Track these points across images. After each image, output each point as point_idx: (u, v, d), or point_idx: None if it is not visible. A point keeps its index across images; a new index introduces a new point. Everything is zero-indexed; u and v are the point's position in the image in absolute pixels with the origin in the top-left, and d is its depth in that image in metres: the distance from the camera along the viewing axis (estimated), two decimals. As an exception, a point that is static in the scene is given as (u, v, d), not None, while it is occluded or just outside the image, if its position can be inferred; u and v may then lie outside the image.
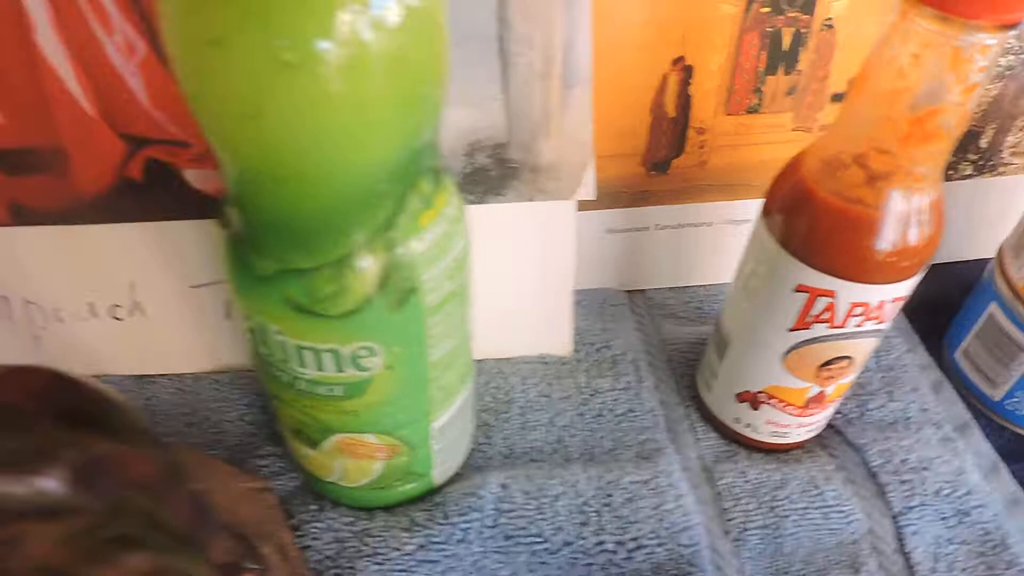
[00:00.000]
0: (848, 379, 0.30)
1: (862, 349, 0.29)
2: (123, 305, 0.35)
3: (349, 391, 0.24)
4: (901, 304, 0.27)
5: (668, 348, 0.38)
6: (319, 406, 0.25)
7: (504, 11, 0.28)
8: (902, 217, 0.25)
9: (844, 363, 0.29)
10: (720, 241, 0.40)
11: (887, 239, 0.25)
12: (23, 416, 0.14)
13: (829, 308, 0.27)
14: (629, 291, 0.42)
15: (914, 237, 0.25)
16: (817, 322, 0.27)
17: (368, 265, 0.21)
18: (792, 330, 0.28)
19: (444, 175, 0.23)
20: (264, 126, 0.17)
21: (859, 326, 0.27)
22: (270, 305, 0.22)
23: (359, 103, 0.17)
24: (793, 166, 0.27)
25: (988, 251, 0.41)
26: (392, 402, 0.25)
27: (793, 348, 0.29)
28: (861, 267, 0.25)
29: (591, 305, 0.40)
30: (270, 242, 0.21)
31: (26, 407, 0.15)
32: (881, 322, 0.28)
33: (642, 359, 0.37)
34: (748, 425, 0.33)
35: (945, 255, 0.44)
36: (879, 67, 0.22)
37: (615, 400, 0.35)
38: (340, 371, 0.23)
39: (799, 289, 0.27)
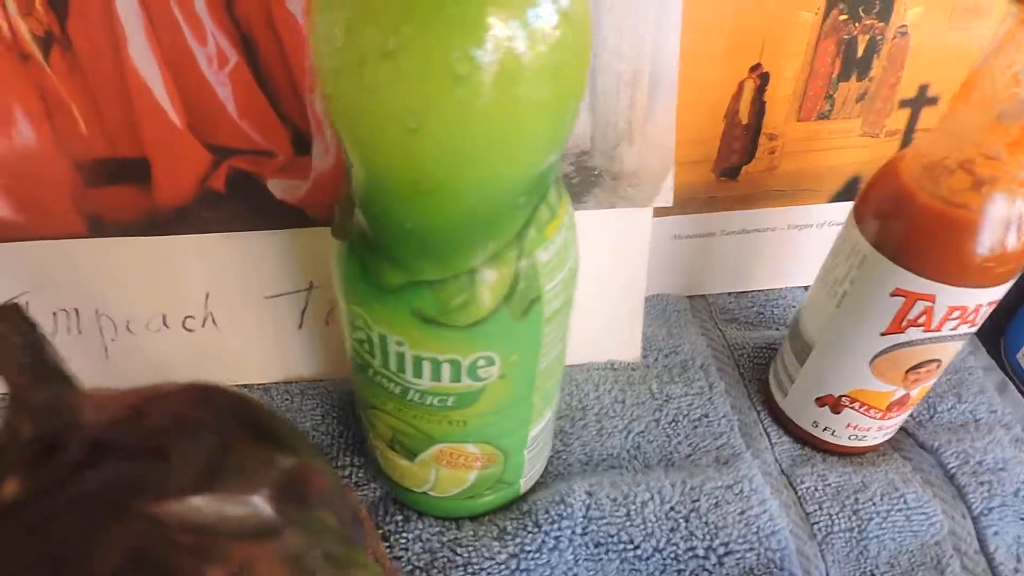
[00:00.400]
0: (932, 382, 0.31)
1: (951, 352, 0.29)
2: (196, 316, 0.35)
3: (461, 401, 0.24)
4: (992, 309, 0.28)
5: (734, 353, 0.39)
6: (427, 416, 0.25)
7: (598, 26, 0.28)
8: (1004, 222, 0.25)
9: (933, 366, 0.29)
10: (781, 246, 0.40)
11: (989, 243, 0.25)
12: (217, 433, 0.14)
13: (926, 312, 0.27)
14: (689, 296, 0.42)
15: (1014, 241, 0.25)
16: (912, 326, 0.27)
17: (498, 276, 0.21)
18: (885, 334, 0.28)
19: (563, 185, 0.23)
20: (425, 139, 0.17)
21: (954, 329, 0.27)
22: (395, 316, 0.22)
23: (518, 113, 0.17)
24: (890, 171, 0.27)
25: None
26: (499, 411, 0.25)
27: (883, 352, 0.29)
28: (962, 271, 0.25)
29: (653, 311, 0.40)
30: (403, 254, 0.21)
31: (216, 424, 0.15)
32: (974, 325, 0.28)
33: (711, 364, 0.38)
34: (826, 429, 0.33)
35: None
36: (992, 74, 0.23)
37: (689, 405, 0.36)
38: (456, 381, 0.23)
39: (896, 293, 0.27)
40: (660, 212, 0.37)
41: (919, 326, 0.27)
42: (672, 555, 0.30)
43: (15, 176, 0.31)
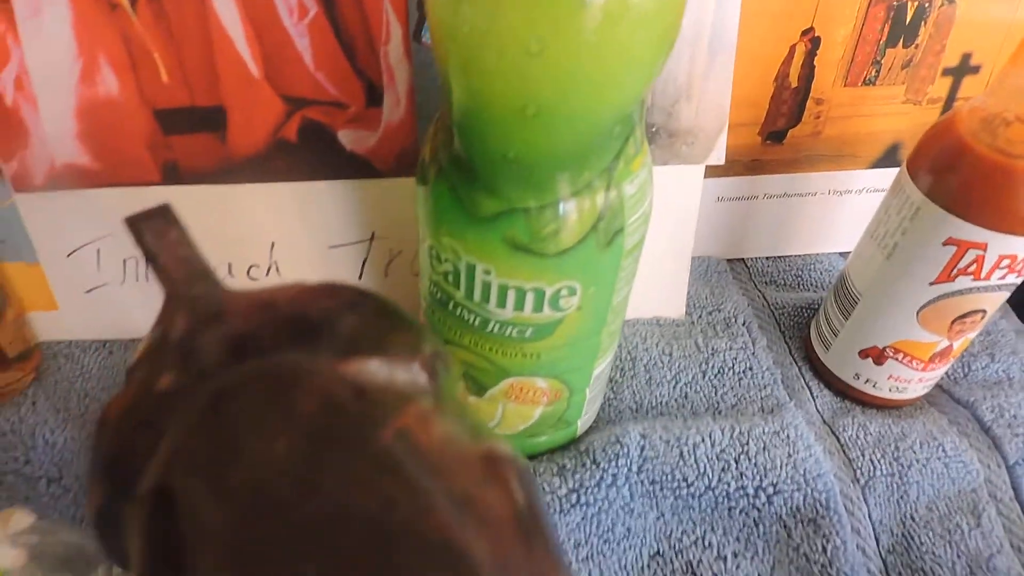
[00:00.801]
0: (975, 333, 0.32)
1: (996, 302, 0.30)
2: (260, 265, 0.36)
3: (538, 332, 0.26)
4: (1037, 260, 0.29)
5: (775, 312, 0.40)
6: (503, 349, 0.26)
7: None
8: (1056, 173, 0.26)
9: (977, 316, 0.31)
10: (821, 212, 0.41)
11: (1041, 193, 0.26)
12: (369, 309, 0.16)
13: (977, 260, 0.28)
14: (729, 260, 0.43)
15: (1064, 192, 0.27)
16: (962, 275, 0.29)
17: (589, 205, 0.22)
18: (934, 283, 0.30)
19: (642, 127, 0.24)
20: (544, 63, 0.18)
21: (1002, 279, 0.29)
22: (487, 244, 0.23)
23: (633, 40, 0.18)
24: (946, 125, 0.28)
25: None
26: (572, 344, 0.27)
27: (931, 302, 0.30)
28: (1016, 220, 0.27)
29: (696, 272, 0.42)
30: (500, 182, 0.22)
31: (362, 303, 0.16)
32: (1020, 276, 0.29)
33: (753, 321, 0.39)
34: (868, 381, 0.34)
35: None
36: (1052, 28, 0.24)
37: (734, 359, 0.37)
38: (538, 311, 0.25)
39: (948, 242, 0.28)
40: (706, 173, 0.38)
41: (969, 275, 0.29)
42: (724, 493, 0.31)
43: (96, 124, 0.32)
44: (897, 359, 0.33)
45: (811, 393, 0.36)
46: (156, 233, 0.17)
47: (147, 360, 0.16)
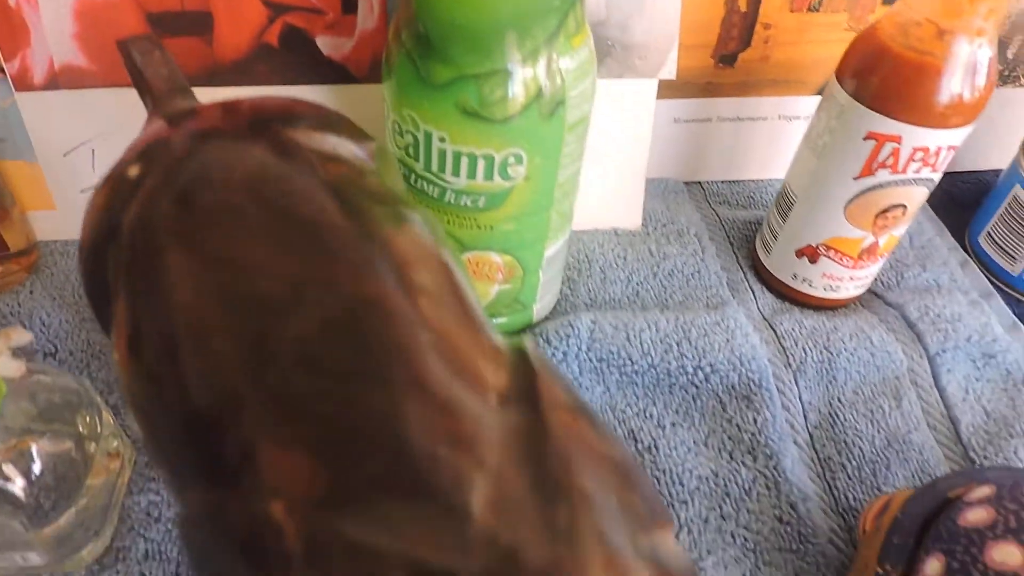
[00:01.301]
0: (899, 230, 0.35)
1: (915, 198, 0.33)
2: (244, 168, 0.39)
3: (490, 202, 0.29)
4: (950, 157, 0.32)
5: (726, 226, 0.43)
6: (459, 220, 0.29)
7: None
8: (964, 67, 0.29)
9: (899, 212, 0.34)
10: (772, 137, 0.44)
11: (950, 87, 0.29)
12: (341, 117, 0.18)
13: (894, 153, 0.31)
14: (687, 183, 0.46)
15: (972, 87, 0.29)
16: (882, 168, 0.32)
17: (532, 74, 0.25)
18: (858, 178, 0.32)
19: (582, 8, 0.27)
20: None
21: (917, 172, 0.32)
22: (442, 111, 0.26)
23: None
24: (869, 32, 0.31)
25: (1008, 162, 0.45)
26: (522, 217, 0.30)
27: (856, 196, 0.33)
28: (926, 112, 0.30)
29: (653, 191, 0.45)
30: (451, 49, 0.25)
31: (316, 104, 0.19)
32: (934, 171, 0.32)
33: (704, 233, 0.42)
34: (804, 280, 0.37)
35: (968, 163, 0.49)
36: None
37: (684, 263, 0.40)
38: (488, 179, 0.28)
39: (868, 136, 0.31)
40: (663, 94, 0.41)
41: (887, 167, 0.32)
42: (665, 371, 0.34)
43: (93, 25, 0.34)
44: (829, 256, 0.36)
45: (753, 294, 0.39)
46: (142, 52, 0.19)
47: (125, 159, 0.18)
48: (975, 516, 0.25)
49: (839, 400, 0.35)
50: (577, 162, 0.30)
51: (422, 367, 0.12)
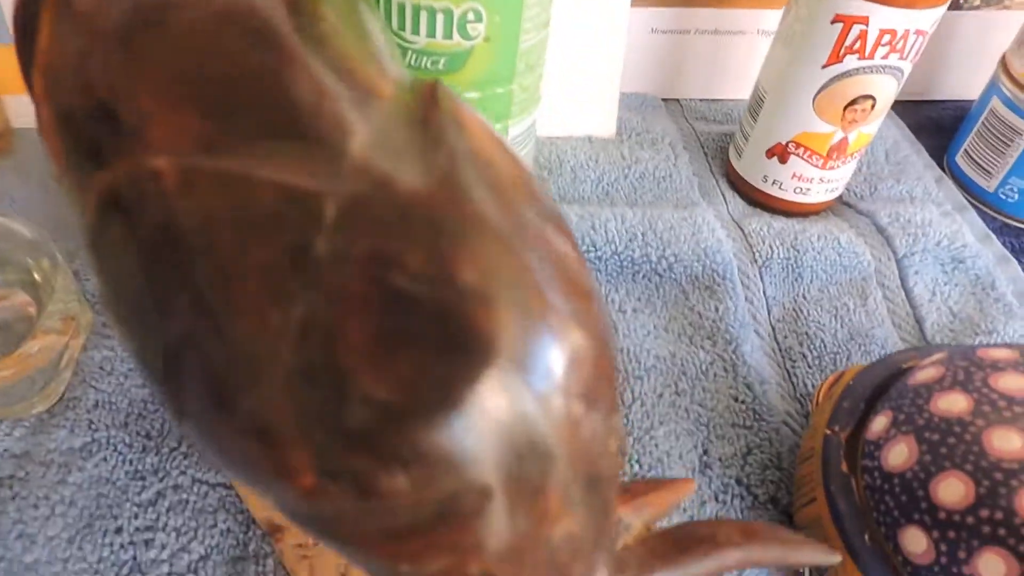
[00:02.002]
0: (868, 127, 0.35)
1: (884, 89, 0.33)
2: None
3: (450, 63, 0.28)
4: (919, 44, 0.32)
5: (701, 138, 0.43)
6: (421, 85, 0.29)
7: None
8: (929, -58, 0.29)
9: (867, 104, 0.33)
10: (751, 55, 0.44)
11: (915, -37, 0.29)
12: None
13: (861, 36, 0.31)
14: (665, 99, 0.46)
15: (937, -35, 0.29)
16: (850, 54, 0.31)
17: (488, -84, 0.25)
18: (826, 66, 0.32)
19: None
20: None
21: (885, 58, 0.31)
22: (399, -43, 0.26)
23: None
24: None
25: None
26: (484, 86, 0.29)
27: (824, 86, 0.33)
28: (891, -12, 0.29)
29: (631, 104, 0.44)
30: None
31: None
32: (903, 58, 0.32)
33: (678, 142, 0.42)
34: (775, 183, 0.37)
35: (951, 92, 0.49)
36: None
37: (655, 168, 0.40)
38: (448, 37, 0.27)
39: (836, 19, 0.31)
40: (639, 2, 0.41)
41: (855, 53, 0.31)
42: (628, 259, 0.34)
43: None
44: (799, 155, 0.36)
45: (724, 199, 0.39)
46: None
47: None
48: (924, 375, 0.25)
49: (804, 297, 0.35)
50: (542, 31, 0.30)
51: (309, 60, 0.12)
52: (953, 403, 0.23)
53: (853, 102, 0.33)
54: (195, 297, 0.10)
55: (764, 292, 0.35)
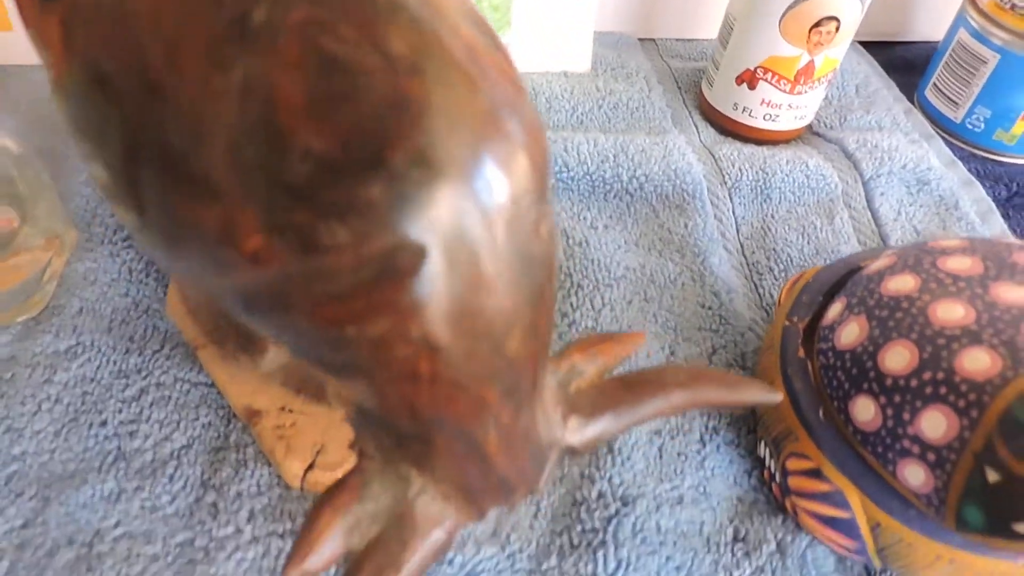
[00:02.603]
0: (834, 51, 0.36)
1: (847, 11, 0.34)
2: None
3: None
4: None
5: (675, 73, 0.44)
6: None
7: None
8: None
9: (831, 26, 0.34)
10: (724, -9, 0.45)
11: None
12: None
13: (821, -49, 0.32)
14: (640, 39, 0.47)
15: None
16: (810, -31, 0.32)
17: None
18: (789, -16, 0.33)
19: None
20: None
21: (845, -26, 0.32)
22: None
23: None
24: None
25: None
26: None
27: (789, 8, 0.34)
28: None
29: (606, 42, 0.45)
30: None
31: None
32: (864, -24, 0.33)
33: (652, 76, 0.43)
34: (745, 110, 0.38)
35: (919, 33, 0.50)
36: None
37: (629, 99, 0.41)
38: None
39: (796, -65, 0.32)
40: (614, -64, 0.42)
41: (816, -30, 0.32)
42: (600, 179, 0.35)
43: None
44: (767, 80, 0.37)
45: (697, 128, 0.40)
46: None
47: None
48: (879, 264, 0.26)
49: (772, 216, 0.36)
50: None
51: None
52: (903, 283, 0.24)
53: (818, 24, 0.34)
54: (145, 79, 0.11)
55: (733, 212, 0.36)
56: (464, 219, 0.12)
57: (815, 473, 0.24)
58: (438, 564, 0.24)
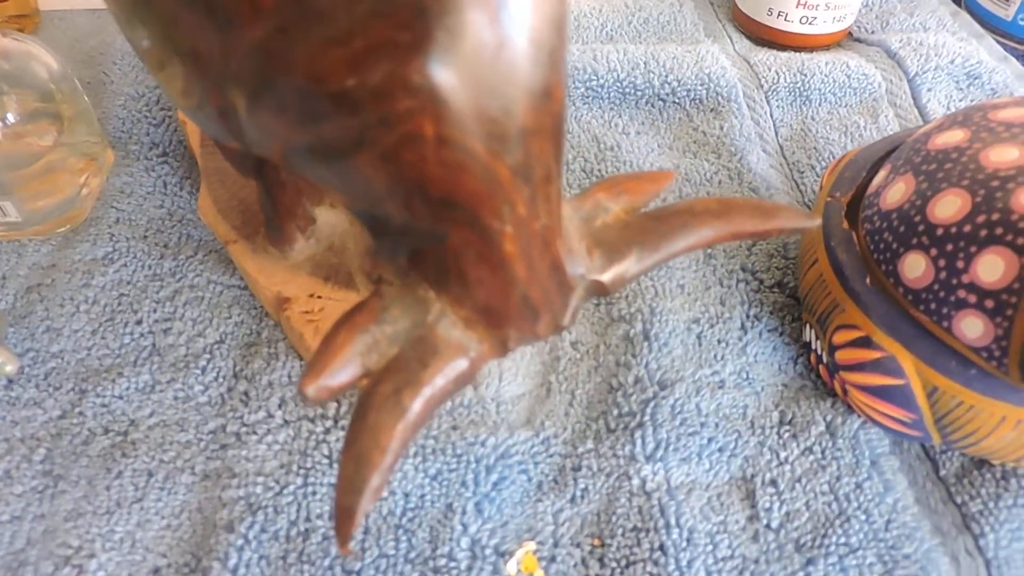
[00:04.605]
0: (870, -62, 0.34)
1: None
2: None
3: None
4: None
5: (707, -9, 0.42)
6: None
7: None
8: None
9: (866, -91, 0.33)
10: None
11: None
12: None
13: None
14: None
15: None
16: None
17: None
18: None
19: None
20: None
21: None
22: None
23: None
24: None
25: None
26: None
27: None
28: None
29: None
30: None
31: None
32: None
33: (683, -6, 0.42)
34: (780, 14, 0.37)
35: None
36: None
37: (660, 13, 0.40)
38: None
39: None
40: None
41: None
42: (631, 86, 0.34)
43: None
44: (802, -23, 0.35)
45: (731, 39, 0.39)
46: None
47: None
48: (923, 129, 0.25)
49: (812, 118, 0.34)
50: None
51: None
52: (951, 137, 0.23)
53: (852, -92, 0.33)
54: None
55: (771, 115, 0.34)
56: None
57: (864, 342, 0.23)
58: (469, 443, 0.23)
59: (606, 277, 0.18)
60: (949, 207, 0.21)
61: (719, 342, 0.26)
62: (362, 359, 0.16)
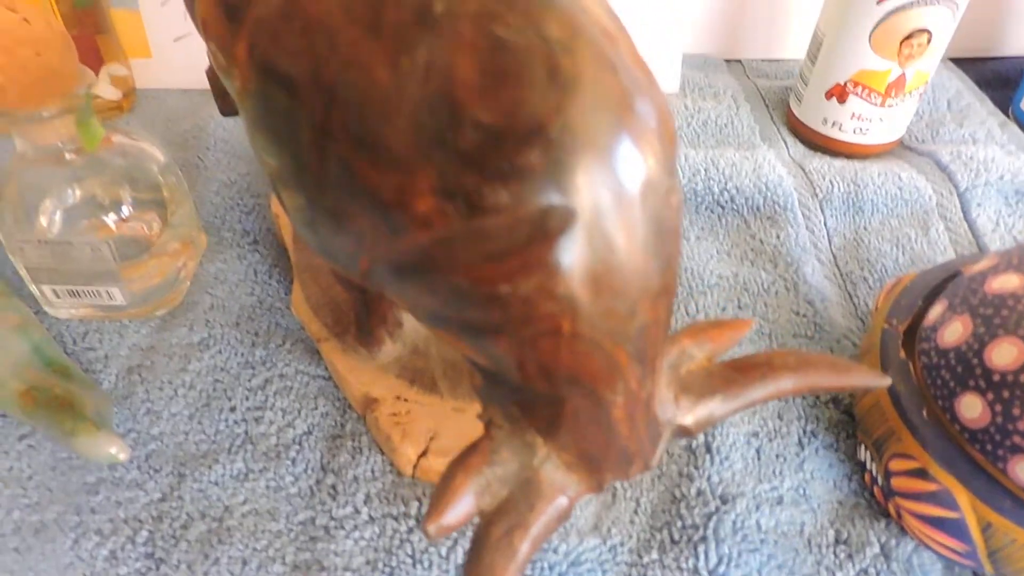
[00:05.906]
0: (925, 63, 0.36)
1: (939, 22, 0.34)
2: None
3: None
4: (975, -24, 0.33)
5: (762, 92, 0.44)
6: None
7: None
8: None
9: (923, 38, 0.35)
10: (811, 14, 0.46)
11: None
12: None
13: (914, -33, 0.32)
14: (727, 60, 0.48)
15: None
16: (902, -15, 0.33)
17: None
18: (880, 2, 0.34)
19: None
20: None
21: (939, -12, 0.33)
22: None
23: None
24: None
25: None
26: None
27: (880, 22, 0.34)
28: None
29: (693, 64, 0.46)
30: None
31: None
32: (957, -11, 0.33)
33: (740, 95, 0.44)
34: (834, 124, 0.39)
35: (1013, 47, 0.49)
36: None
37: (717, 116, 0.42)
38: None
39: (889, -48, 0.32)
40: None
41: (909, -14, 0.33)
42: (691, 192, 0.36)
43: None
44: (857, 93, 0.37)
45: (786, 144, 0.41)
46: None
47: None
48: (979, 266, 0.26)
49: (864, 228, 0.36)
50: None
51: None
52: (1007, 282, 0.24)
53: (909, 36, 0.35)
54: (339, 62, 0.13)
55: (825, 224, 0.36)
56: (606, 186, 0.13)
57: (921, 473, 0.24)
58: (543, 550, 0.25)
59: (691, 421, 0.19)
60: (1006, 355, 0.23)
61: (777, 457, 0.27)
62: (476, 499, 0.17)
